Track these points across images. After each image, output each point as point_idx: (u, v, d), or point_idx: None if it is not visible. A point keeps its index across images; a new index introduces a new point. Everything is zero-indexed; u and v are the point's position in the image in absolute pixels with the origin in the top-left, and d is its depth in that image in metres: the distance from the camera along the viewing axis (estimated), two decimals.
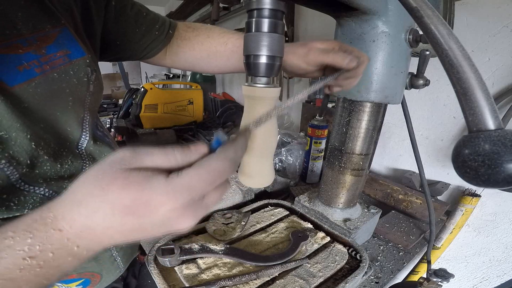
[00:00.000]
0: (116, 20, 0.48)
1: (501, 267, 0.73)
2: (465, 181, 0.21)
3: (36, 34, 0.34)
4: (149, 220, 0.21)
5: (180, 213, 0.22)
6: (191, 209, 0.22)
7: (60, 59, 0.37)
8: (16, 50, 0.32)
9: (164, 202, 0.21)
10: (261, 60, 0.29)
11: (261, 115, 0.28)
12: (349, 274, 0.46)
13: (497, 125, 0.20)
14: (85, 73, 0.40)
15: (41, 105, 0.35)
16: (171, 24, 0.55)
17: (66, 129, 0.40)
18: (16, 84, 0.32)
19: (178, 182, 0.21)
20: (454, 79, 0.21)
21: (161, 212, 0.21)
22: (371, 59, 0.45)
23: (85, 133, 0.43)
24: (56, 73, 0.36)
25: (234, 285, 0.43)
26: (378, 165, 1.01)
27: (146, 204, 0.21)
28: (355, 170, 0.57)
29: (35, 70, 0.34)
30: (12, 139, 0.32)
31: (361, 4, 0.39)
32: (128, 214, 0.21)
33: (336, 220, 0.60)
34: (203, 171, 0.22)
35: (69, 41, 0.38)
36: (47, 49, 0.35)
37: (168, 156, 0.22)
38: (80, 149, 0.43)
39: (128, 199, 0.20)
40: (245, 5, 0.29)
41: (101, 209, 0.21)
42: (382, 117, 0.54)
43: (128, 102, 1.52)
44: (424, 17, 0.22)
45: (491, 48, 0.66)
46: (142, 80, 3.90)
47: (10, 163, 0.32)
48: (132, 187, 0.20)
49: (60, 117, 0.38)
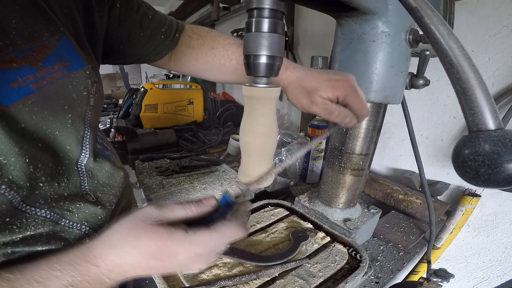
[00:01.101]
0: (120, 24, 0.45)
1: (501, 267, 0.73)
2: (465, 181, 0.21)
3: (32, 44, 0.31)
4: (169, 264, 0.28)
5: (194, 261, 0.29)
6: (203, 258, 0.29)
7: (58, 72, 0.34)
8: (10, 64, 0.29)
9: (182, 252, 0.27)
10: (261, 60, 0.29)
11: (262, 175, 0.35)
12: (349, 274, 0.46)
13: (497, 125, 0.20)
14: (85, 86, 0.37)
15: (39, 125, 0.33)
16: (178, 27, 0.52)
17: (65, 147, 0.37)
18: (11, 103, 0.30)
19: (194, 238, 0.28)
20: (454, 79, 0.21)
21: (179, 259, 0.27)
22: (371, 59, 0.46)
23: (85, 150, 0.40)
24: (54, 88, 0.33)
25: (234, 285, 0.43)
26: (378, 165, 1.01)
27: (168, 252, 0.27)
28: (355, 170, 0.57)
29: (31, 87, 0.31)
30: (11, 164, 0.30)
31: (361, 4, 0.39)
32: (153, 259, 0.27)
33: (336, 220, 0.60)
34: (216, 235, 0.28)
35: (68, 51, 0.35)
36: (44, 61, 0.32)
37: (186, 210, 0.30)
38: (79, 166, 0.40)
39: (155, 248, 0.27)
40: (245, 5, 0.29)
41: (132, 252, 0.27)
42: (382, 117, 0.54)
43: (128, 102, 1.52)
44: (424, 17, 0.22)
45: (491, 48, 0.66)
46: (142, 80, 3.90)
47: (10, 188, 0.31)
48: (158, 239, 0.27)
49: (59, 136, 0.35)
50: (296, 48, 1.33)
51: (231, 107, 1.57)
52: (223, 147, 1.18)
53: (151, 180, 0.86)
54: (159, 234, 0.27)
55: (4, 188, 0.30)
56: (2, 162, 0.30)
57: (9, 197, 0.31)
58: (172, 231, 0.27)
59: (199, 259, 0.29)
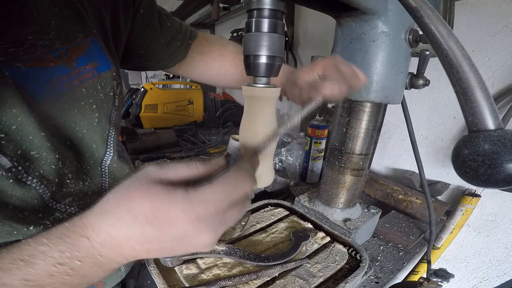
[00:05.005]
0: (142, 30, 0.46)
1: (501, 267, 0.73)
2: (465, 181, 0.21)
3: (68, 45, 0.32)
4: (167, 231, 0.22)
5: (197, 228, 0.22)
6: (208, 224, 0.23)
7: (89, 73, 0.35)
8: (48, 63, 0.31)
9: (181, 215, 0.22)
10: (261, 60, 0.29)
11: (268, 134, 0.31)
12: (349, 274, 0.46)
13: (497, 125, 0.20)
14: (111, 87, 0.38)
15: (68, 123, 0.34)
16: (192, 34, 0.54)
17: (92, 146, 0.38)
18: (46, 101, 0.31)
19: (194, 195, 0.22)
20: (454, 79, 0.21)
21: (178, 225, 0.22)
22: (371, 59, 0.46)
23: (110, 149, 0.41)
24: (84, 88, 0.34)
25: (234, 285, 0.43)
26: (378, 165, 1.01)
27: (164, 215, 0.22)
28: (355, 170, 0.57)
29: (64, 85, 0.32)
30: (43, 158, 0.31)
31: (361, 4, 0.39)
32: (147, 224, 0.22)
33: (336, 220, 0.60)
34: (218, 185, 0.23)
35: (98, 52, 0.36)
36: (78, 61, 0.33)
37: (190, 168, 0.25)
38: (103, 166, 0.41)
39: (148, 209, 0.22)
40: (245, 5, 0.29)
41: (124, 218, 0.22)
42: (382, 117, 0.54)
43: (128, 102, 1.51)
44: (424, 17, 0.22)
45: (491, 48, 0.66)
46: (142, 80, 3.90)
47: (41, 182, 0.31)
48: (152, 198, 0.22)
49: (86, 134, 0.37)
50: (296, 48, 1.33)
51: (231, 107, 1.57)
52: (223, 147, 1.18)
53: None
54: (155, 192, 0.22)
55: (35, 182, 0.31)
56: (34, 156, 0.30)
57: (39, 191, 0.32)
58: (170, 189, 0.22)
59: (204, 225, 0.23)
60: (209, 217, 0.23)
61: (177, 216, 0.22)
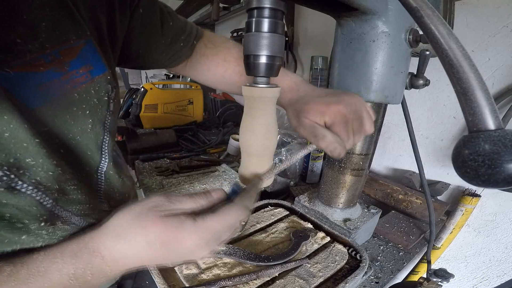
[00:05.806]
0: (141, 30, 0.44)
1: (501, 267, 0.73)
2: (465, 181, 0.21)
3: (60, 47, 0.31)
4: (176, 252, 0.29)
5: (200, 247, 0.29)
6: (208, 244, 0.29)
7: (83, 77, 0.33)
8: (38, 68, 0.29)
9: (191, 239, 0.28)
10: (261, 60, 0.29)
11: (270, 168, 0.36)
12: (349, 274, 0.46)
13: (497, 125, 0.20)
14: (106, 91, 0.37)
15: (61, 129, 0.33)
16: (197, 34, 0.52)
17: (87, 153, 0.37)
18: (37, 106, 0.30)
19: (203, 224, 0.28)
20: (454, 79, 0.21)
21: (186, 247, 0.28)
22: (371, 59, 0.46)
23: (105, 156, 0.40)
24: (77, 93, 0.33)
25: (234, 285, 0.43)
26: (378, 165, 1.01)
27: (176, 241, 0.28)
28: (355, 170, 0.57)
29: (56, 90, 0.31)
30: (39, 165, 0.30)
31: (361, 4, 0.39)
32: (161, 248, 0.28)
33: (336, 220, 0.60)
34: (222, 218, 0.29)
35: (92, 55, 0.34)
36: (70, 64, 0.32)
37: (195, 202, 0.31)
38: (99, 173, 0.40)
39: (165, 237, 0.27)
40: (245, 4, 0.29)
41: (140, 243, 0.27)
42: (382, 117, 0.54)
43: (128, 102, 1.51)
44: (424, 17, 0.22)
45: (491, 48, 0.66)
46: (142, 80, 3.90)
47: (37, 189, 0.30)
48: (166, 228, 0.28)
49: (80, 141, 0.35)
50: (296, 48, 1.33)
51: (231, 107, 1.57)
52: (223, 147, 1.18)
53: (151, 180, 0.86)
54: (170, 224, 0.28)
55: (31, 189, 0.30)
56: (30, 163, 0.29)
57: (37, 198, 0.31)
58: (182, 220, 0.28)
59: (204, 245, 0.29)
60: (211, 240, 0.29)
61: (186, 241, 0.28)
